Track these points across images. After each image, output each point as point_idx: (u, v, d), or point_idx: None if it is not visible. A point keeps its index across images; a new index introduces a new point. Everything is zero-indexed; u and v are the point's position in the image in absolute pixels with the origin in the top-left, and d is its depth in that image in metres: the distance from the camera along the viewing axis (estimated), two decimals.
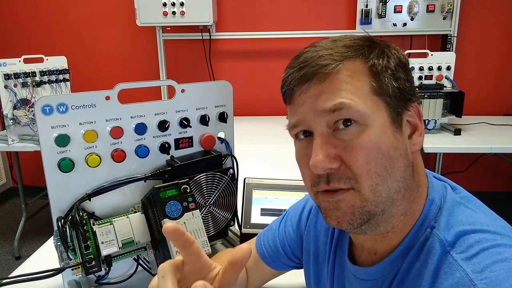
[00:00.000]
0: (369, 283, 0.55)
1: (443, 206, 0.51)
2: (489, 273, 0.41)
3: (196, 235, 0.75)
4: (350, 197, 0.48)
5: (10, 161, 3.29)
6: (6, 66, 2.08)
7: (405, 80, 0.51)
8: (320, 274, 0.68)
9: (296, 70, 0.51)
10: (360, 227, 0.49)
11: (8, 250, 2.62)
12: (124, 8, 2.83)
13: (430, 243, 0.48)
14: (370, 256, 0.56)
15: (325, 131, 0.49)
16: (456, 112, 2.16)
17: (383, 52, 0.51)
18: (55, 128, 0.75)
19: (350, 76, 0.48)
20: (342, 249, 0.63)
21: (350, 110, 0.47)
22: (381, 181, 0.47)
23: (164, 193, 0.75)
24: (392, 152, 0.48)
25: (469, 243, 0.45)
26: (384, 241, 0.53)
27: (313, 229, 0.70)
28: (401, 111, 0.50)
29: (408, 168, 0.50)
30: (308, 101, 0.49)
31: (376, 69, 0.49)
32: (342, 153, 0.48)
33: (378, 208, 0.48)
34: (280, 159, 1.79)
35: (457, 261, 0.45)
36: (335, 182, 0.48)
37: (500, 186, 2.98)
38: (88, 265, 0.73)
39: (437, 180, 0.56)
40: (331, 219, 0.51)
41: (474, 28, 2.70)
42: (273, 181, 1.01)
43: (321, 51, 0.50)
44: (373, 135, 0.47)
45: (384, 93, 0.49)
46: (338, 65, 0.48)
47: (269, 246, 0.77)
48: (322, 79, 0.48)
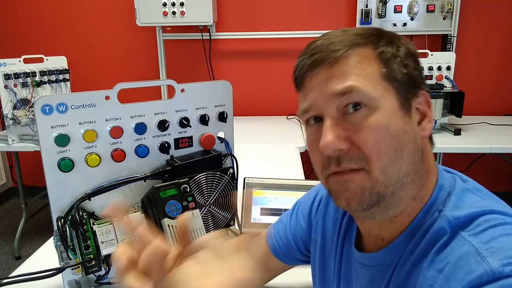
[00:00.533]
0: (375, 269, 0.55)
1: (452, 192, 0.52)
2: (495, 243, 0.42)
3: (196, 235, 0.75)
4: (360, 177, 0.49)
5: (10, 161, 3.29)
6: (6, 66, 2.08)
7: (414, 68, 0.52)
8: (326, 265, 0.68)
9: (308, 56, 0.52)
10: (370, 209, 0.49)
11: (8, 250, 2.62)
12: (124, 8, 2.83)
13: (438, 224, 0.49)
14: (377, 242, 0.56)
15: (335, 115, 0.50)
16: (456, 112, 2.16)
17: (392, 41, 0.52)
18: (55, 128, 0.75)
19: (360, 62, 0.50)
20: (350, 240, 0.63)
21: (360, 93, 0.48)
22: (391, 163, 0.48)
23: (164, 192, 0.75)
24: (401, 135, 0.49)
25: (478, 222, 0.46)
26: (392, 225, 0.53)
27: (321, 220, 0.70)
28: (410, 97, 0.51)
29: (417, 152, 0.51)
30: (319, 85, 0.50)
31: (385, 56, 0.50)
32: (352, 135, 0.49)
33: (387, 190, 0.49)
34: (280, 159, 1.79)
35: (464, 238, 0.45)
36: (346, 163, 0.49)
37: (500, 186, 2.98)
38: (88, 265, 0.73)
39: (447, 172, 0.57)
40: (341, 200, 0.51)
41: (474, 28, 2.70)
42: (273, 181, 1.01)
43: (332, 38, 0.51)
44: (382, 118, 0.48)
45: (393, 78, 0.50)
46: (348, 51, 0.50)
47: (280, 239, 0.75)
48: (332, 63, 0.50)
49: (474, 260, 0.42)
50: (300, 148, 1.91)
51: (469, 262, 0.42)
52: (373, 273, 0.56)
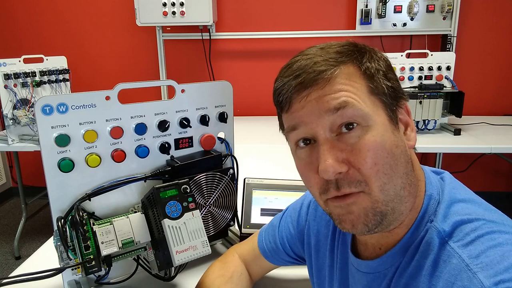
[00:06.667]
0: (371, 276, 0.56)
1: (441, 200, 0.52)
2: (484, 258, 0.43)
3: (196, 235, 0.75)
4: (361, 199, 0.49)
5: (10, 161, 3.29)
6: (6, 66, 2.07)
7: (395, 80, 0.53)
8: (321, 267, 0.70)
9: (292, 78, 0.50)
10: (374, 229, 0.49)
11: (8, 250, 2.62)
12: (124, 8, 2.83)
13: (429, 235, 0.49)
14: (375, 251, 0.57)
15: (329, 136, 0.49)
16: (456, 112, 2.16)
17: (372, 57, 0.52)
18: (55, 128, 0.75)
19: (348, 79, 0.49)
20: (345, 243, 0.64)
21: (354, 108, 0.48)
22: (387, 180, 0.48)
23: (164, 193, 0.75)
24: (394, 149, 0.49)
25: (466, 231, 0.47)
26: (390, 236, 0.54)
27: (313, 223, 0.72)
28: (396, 109, 0.52)
29: (408, 164, 0.51)
30: (309, 104, 0.49)
31: (370, 71, 0.50)
32: (350, 156, 0.48)
33: (388, 207, 0.49)
34: (280, 159, 1.79)
35: (454, 249, 0.46)
36: (345, 187, 0.48)
37: (500, 186, 2.98)
38: (88, 265, 0.73)
39: (434, 174, 0.57)
40: (346, 223, 0.50)
41: (474, 28, 2.70)
42: (273, 181, 1.01)
43: (314, 58, 0.50)
44: (377, 135, 0.48)
45: (380, 92, 0.50)
46: (335, 70, 0.49)
47: (269, 242, 0.79)
48: (322, 84, 0.49)
49: (466, 276, 0.43)
50: None
51: (461, 278, 0.43)
52: (369, 279, 0.56)
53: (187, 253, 0.74)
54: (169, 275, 0.85)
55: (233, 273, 0.79)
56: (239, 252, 0.83)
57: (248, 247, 0.83)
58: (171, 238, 0.73)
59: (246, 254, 0.82)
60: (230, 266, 0.80)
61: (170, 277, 0.85)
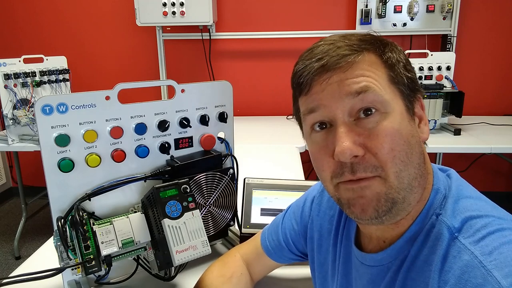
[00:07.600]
0: (376, 269, 0.56)
1: (448, 195, 0.52)
2: (497, 255, 0.43)
3: (196, 235, 0.75)
4: (376, 184, 0.48)
5: (10, 161, 3.29)
6: (6, 66, 2.08)
7: (413, 73, 0.54)
8: (323, 262, 0.70)
9: (315, 60, 0.51)
10: (383, 216, 0.49)
11: (8, 250, 2.62)
12: (124, 8, 2.83)
13: (438, 229, 0.49)
14: (379, 244, 0.57)
15: (347, 120, 0.49)
16: (456, 112, 2.16)
17: (393, 48, 0.53)
18: (55, 128, 0.75)
19: (370, 66, 0.50)
20: (349, 237, 0.64)
21: (375, 94, 0.48)
22: (403, 167, 0.48)
23: (164, 193, 0.75)
24: (410, 139, 0.50)
25: (476, 227, 0.46)
26: (395, 228, 0.54)
27: (316, 218, 0.72)
28: (413, 100, 0.53)
29: (421, 155, 0.52)
30: (330, 87, 0.50)
31: (391, 61, 0.51)
32: (367, 141, 0.48)
33: (400, 195, 0.49)
34: (280, 159, 1.79)
35: (465, 245, 0.45)
36: (361, 172, 0.48)
37: (500, 186, 2.98)
38: (88, 265, 0.73)
39: (441, 171, 0.57)
40: (355, 207, 0.50)
41: (474, 28, 2.70)
42: (273, 181, 1.01)
43: (337, 43, 0.51)
44: (394, 122, 0.49)
45: (400, 82, 0.51)
46: (359, 55, 0.50)
47: (272, 240, 0.79)
48: (345, 68, 0.49)
49: (480, 274, 0.42)
50: (300, 148, 1.91)
51: (475, 275, 0.42)
52: (373, 272, 0.57)
53: (187, 253, 0.74)
54: (169, 275, 0.85)
55: (233, 273, 0.79)
56: (241, 252, 0.83)
57: (250, 247, 0.83)
58: (171, 238, 0.73)
59: (249, 254, 0.82)
60: (230, 266, 0.81)
61: (170, 277, 0.85)
